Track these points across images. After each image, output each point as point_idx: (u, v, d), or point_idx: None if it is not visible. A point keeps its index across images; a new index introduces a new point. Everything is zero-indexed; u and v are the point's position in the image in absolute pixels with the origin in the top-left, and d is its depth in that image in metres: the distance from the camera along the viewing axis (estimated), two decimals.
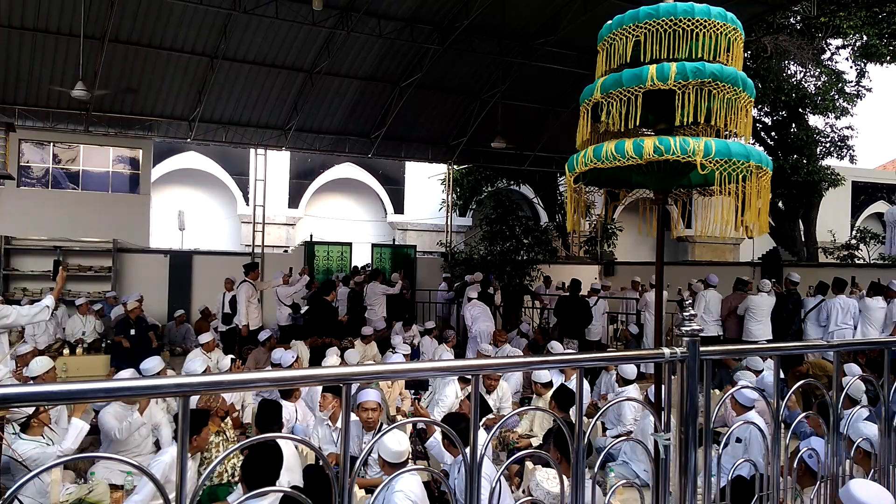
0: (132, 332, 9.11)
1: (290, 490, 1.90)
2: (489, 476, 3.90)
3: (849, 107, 17.54)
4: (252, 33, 11.98)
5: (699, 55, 2.59)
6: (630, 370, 6.64)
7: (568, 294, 10.60)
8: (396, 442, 4.00)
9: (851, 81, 17.65)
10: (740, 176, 2.54)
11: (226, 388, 1.87)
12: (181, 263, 13.81)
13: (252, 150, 15.60)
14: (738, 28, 2.66)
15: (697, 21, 2.57)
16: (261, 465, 3.64)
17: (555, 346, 8.46)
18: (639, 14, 2.65)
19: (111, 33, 11.04)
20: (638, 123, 2.53)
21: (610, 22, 2.78)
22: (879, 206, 25.47)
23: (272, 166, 16.09)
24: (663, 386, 2.84)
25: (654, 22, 2.60)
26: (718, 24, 2.59)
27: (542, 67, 13.59)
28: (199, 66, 12.47)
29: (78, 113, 12.54)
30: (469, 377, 6.48)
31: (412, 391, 7.35)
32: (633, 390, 6.49)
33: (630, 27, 2.65)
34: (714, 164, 2.46)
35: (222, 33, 11.74)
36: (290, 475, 4.50)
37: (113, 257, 13.01)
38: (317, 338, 9.14)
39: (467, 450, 1.99)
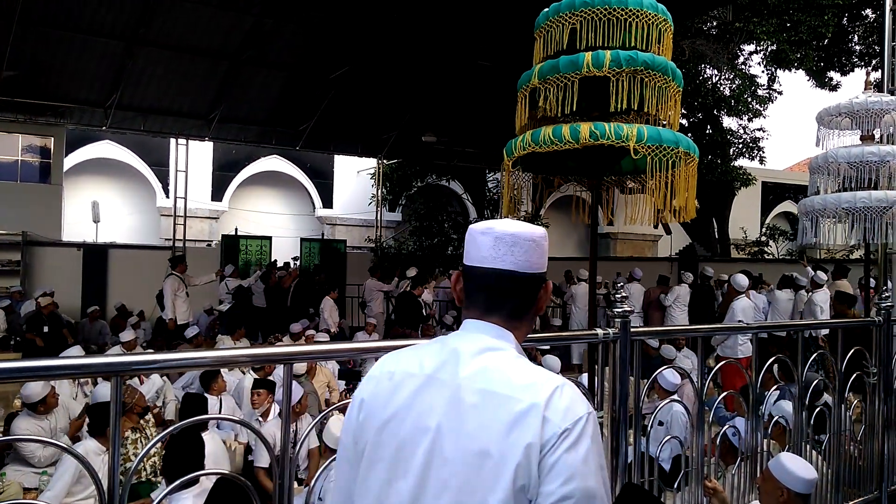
0: (45, 329, 8.64)
1: (222, 472, 1.85)
2: None
3: (761, 109, 18.50)
4: (174, 18, 11.53)
5: (632, 44, 2.67)
6: (554, 363, 6.77)
7: None
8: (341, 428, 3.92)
9: (763, 85, 18.62)
10: (670, 162, 2.64)
11: (160, 368, 1.80)
12: (96, 257, 13.16)
13: (173, 141, 15.05)
14: (668, 19, 2.76)
15: (630, 11, 2.65)
16: (183, 458, 3.51)
17: None
18: (575, 2, 2.71)
19: (20, 13, 10.39)
20: (574, 109, 2.59)
21: (547, 10, 2.83)
22: (787, 206, 27.01)
23: (194, 157, 15.56)
24: (596, 366, 2.93)
25: (590, 10, 2.66)
26: (650, 14, 2.68)
27: (474, 64, 13.67)
28: (117, 50, 11.89)
29: None
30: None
31: (345, 381, 7.31)
32: None
33: (566, 15, 2.71)
34: (646, 150, 2.54)
35: (142, 17, 11.24)
36: (218, 469, 4.38)
37: (22, 250, 12.27)
38: (243, 332, 8.91)
39: None
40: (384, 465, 1.25)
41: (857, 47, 17.90)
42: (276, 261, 13.82)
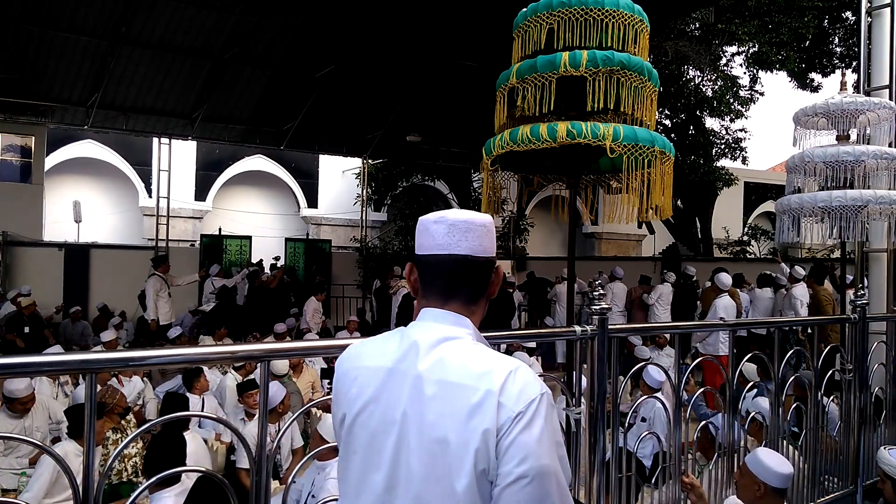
0: (26, 329, 8.55)
1: (201, 469, 1.86)
2: None
3: (742, 110, 18.67)
4: (157, 16, 11.45)
5: (608, 44, 2.70)
6: (525, 360, 6.82)
7: None
8: None
9: (745, 86, 18.79)
10: (646, 161, 2.68)
11: (135, 365, 1.80)
12: (77, 257, 13.04)
13: (155, 140, 14.95)
14: (644, 20, 2.79)
15: (607, 11, 2.68)
16: (165, 457, 3.50)
17: None
18: (552, 2, 2.73)
19: (0, 12, 10.29)
20: (552, 108, 2.62)
21: (525, 10, 2.85)
22: (769, 206, 27.27)
23: (177, 157, 15.46)
24: (574, 361, 2.96)
25: (567, 10, 2.69)
26: (626, 14, 2.71)
27: (458, 64, 13.69)
28: (99, 49, 11.79)
29: None
30: None
31: (328, 381, 7.30)
32: None
33: (544, 15, 2.74)
34: (622, 149, 2.57)
35: (124, 15, 11.15)
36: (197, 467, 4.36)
37: (2, 251, 12.14)
38: (225, 331, 8.86)
39: None
40: (358, 458, 1.31)
41: (838, 49, 18.10)
42: (261, 260, 13.76)
